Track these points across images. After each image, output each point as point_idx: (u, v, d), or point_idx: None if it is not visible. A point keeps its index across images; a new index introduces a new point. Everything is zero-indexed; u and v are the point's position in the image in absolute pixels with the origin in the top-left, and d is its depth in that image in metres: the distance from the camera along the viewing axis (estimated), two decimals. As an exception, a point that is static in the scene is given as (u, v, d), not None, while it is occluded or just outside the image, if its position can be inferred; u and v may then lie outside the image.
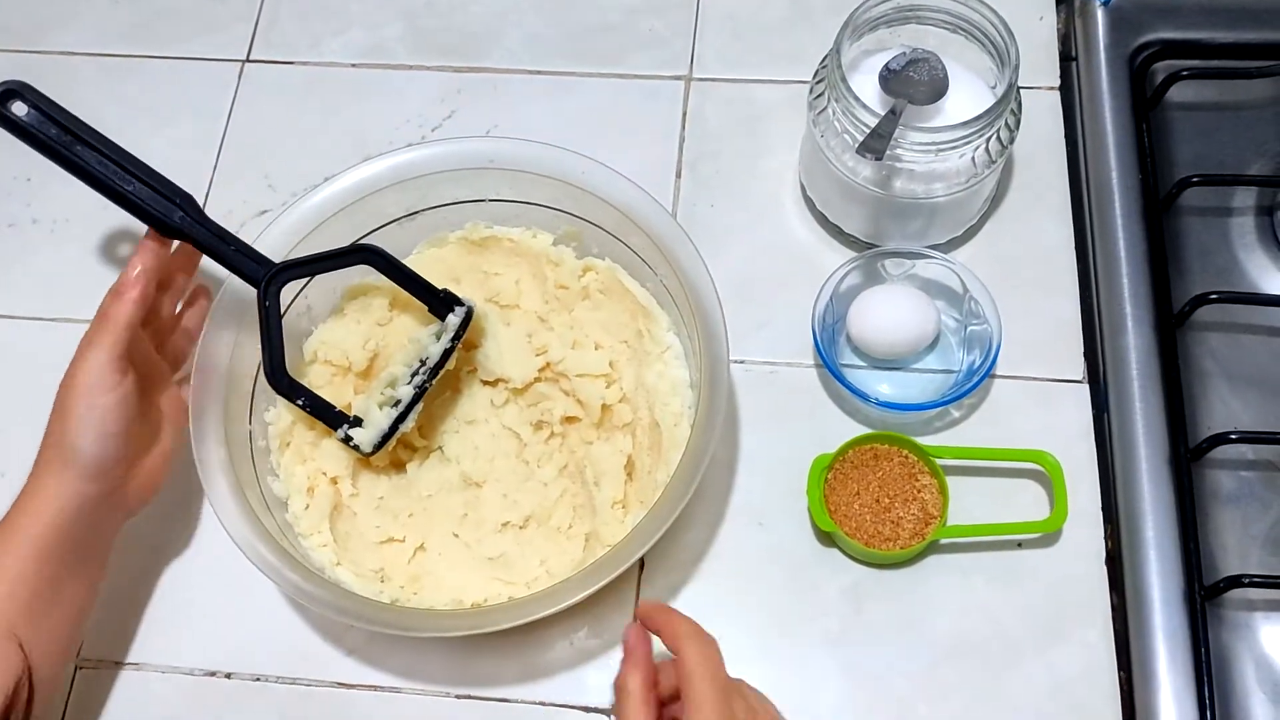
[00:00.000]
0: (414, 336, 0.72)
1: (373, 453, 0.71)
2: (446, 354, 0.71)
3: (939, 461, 0.70)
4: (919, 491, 0.70)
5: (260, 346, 0.69)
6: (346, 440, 0.71)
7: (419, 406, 0.71)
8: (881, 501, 0.70)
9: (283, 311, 0.70)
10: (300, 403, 0.70)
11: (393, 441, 0.71)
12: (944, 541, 0.71)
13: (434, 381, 0.71)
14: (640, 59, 0.89)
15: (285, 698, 0.70)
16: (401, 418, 0.70)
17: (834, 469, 0.71)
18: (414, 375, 0.71)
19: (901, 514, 0.70)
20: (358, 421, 0.71)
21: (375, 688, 0.70)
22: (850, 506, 0.70)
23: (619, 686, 0.54)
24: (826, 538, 0.72)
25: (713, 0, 0.90)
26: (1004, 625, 0.69)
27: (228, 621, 0.72)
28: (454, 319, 0.71)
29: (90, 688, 0.71)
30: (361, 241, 0.73)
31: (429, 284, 0.72)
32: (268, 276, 0.68)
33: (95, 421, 0.63)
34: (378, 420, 0.70)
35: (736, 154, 0.84)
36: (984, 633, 0.69)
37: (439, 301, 0.72)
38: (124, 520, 0.68)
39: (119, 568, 0.74)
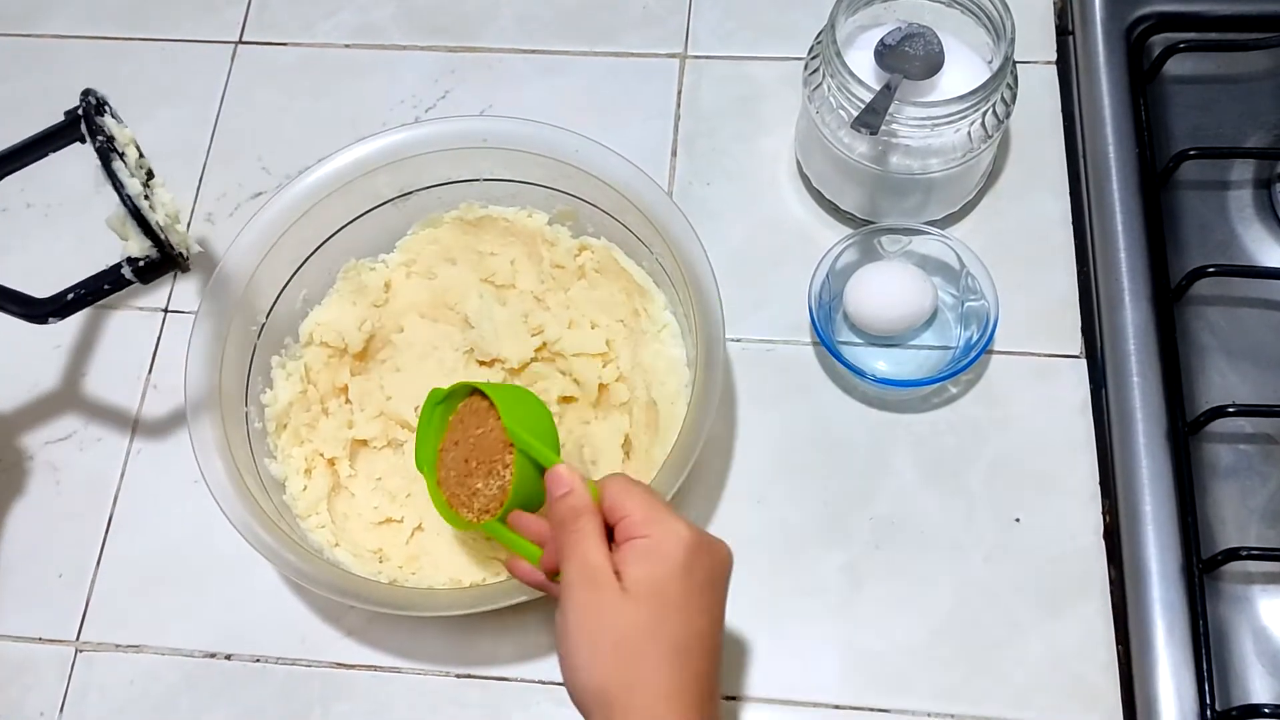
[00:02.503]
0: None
1: (165, 255, 0.63)
2: (106, 143, 0.63)
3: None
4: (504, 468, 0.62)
5: None
6: (136, 269, 0.63)
7: (146, 195, 0.64)
8: (470, 463, 0.63)
9: (278, 295, 0.69)
10: None
11: (167, 235, 0.63)
12: (939, 522, 0.71)
13: (131, 164, 0.64)
14: (634, 37, 0.88)
15: (285, 678, 0.70)
16: (141, 217, 0.62)
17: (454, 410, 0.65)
18: (115, 189, 0.62)
19: (480, 486, 0.62)
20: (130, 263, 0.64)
21: (374, 668, 0.70)
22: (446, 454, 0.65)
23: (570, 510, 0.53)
24: None
25: (707, -23, 0.90)
26: (1002, 600, 0.69)
27: (227, 603, 0.72)
28: (81, 119, 0.64)
29: (90, 670, 0.71)
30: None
31: (55, 128, 0.64)
32: None
33: None
34: (133, 233, 0.63)
35: (732, 132, 0.84)
36: (982, 608, 0.69)
37: (72, 127, 0.64)
38: None
39: (117, 552, 0.74)
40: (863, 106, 0.69)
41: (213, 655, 0.71)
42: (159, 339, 0.81)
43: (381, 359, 0.76)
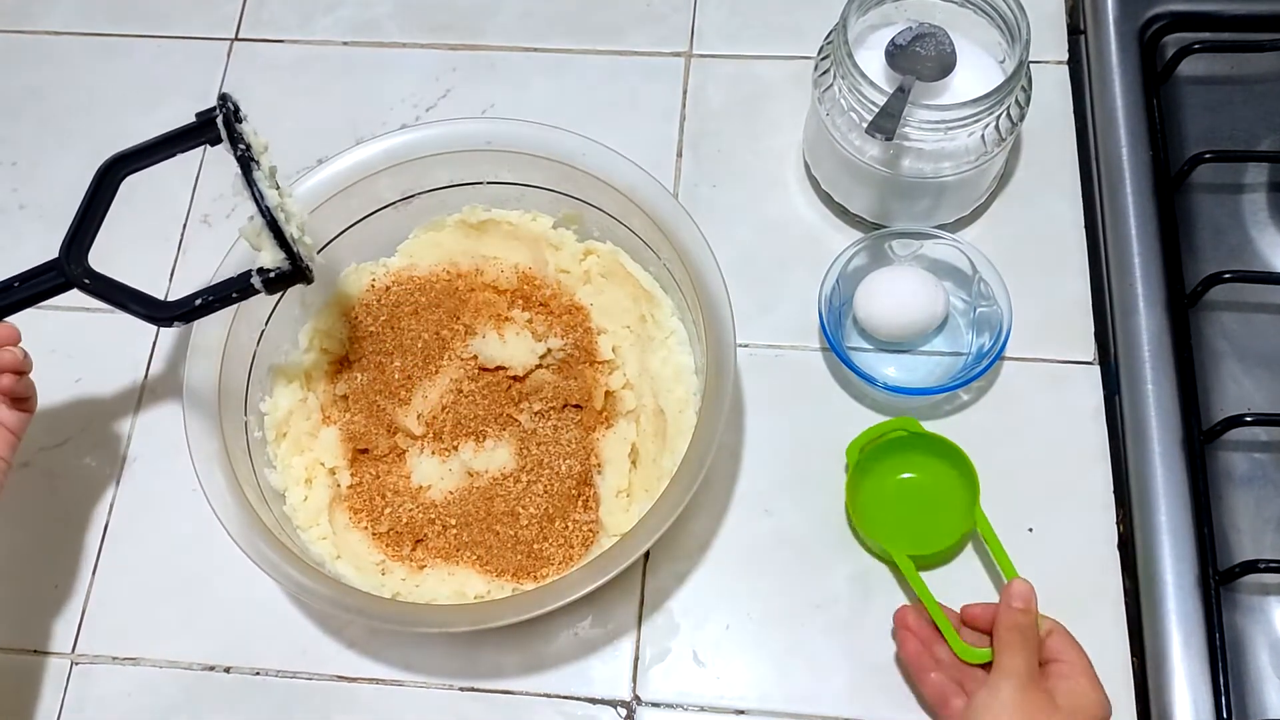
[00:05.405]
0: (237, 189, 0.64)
1: (295, 268, 0.63)
2: (246, 151, 0.64)
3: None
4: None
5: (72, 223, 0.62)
6: (266, 279, 0.62)
7: (281, 207, 0.63)
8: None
9: (277, 300, 0.68)
10: (87, 282, 0.62)
11: (298, 248, 0.63)
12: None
13: (266, 173, 0.64)
14: (639, 35, 0.87)
15: (285, 691, 0.69)
16: (278, 229, 0.62)
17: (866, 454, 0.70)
18: (255, 200, 0.62)
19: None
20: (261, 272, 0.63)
21: (377, 681, 0.69)
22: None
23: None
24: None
25: (712, -26, 0.89)
26: (1014, 611, 0.68)
27: (226, 615, 0.71)
28: (220, 125, 0.64)
29: (87, 683, 0.70)
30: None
31: (187, 128, 0.65)
32: (105, 166, 0.63)
33: None
34: (268, 245, 0.63)
35: (739, 133, 0.83)
36: (995, 619, 0.68)
37: (205, 128, 0.65)
38: None
39: (114, 561, 0.73)
40: (874, 109, 0.67)
41: (212, 668, 0.70)
42: (155, 343, 0.79)
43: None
